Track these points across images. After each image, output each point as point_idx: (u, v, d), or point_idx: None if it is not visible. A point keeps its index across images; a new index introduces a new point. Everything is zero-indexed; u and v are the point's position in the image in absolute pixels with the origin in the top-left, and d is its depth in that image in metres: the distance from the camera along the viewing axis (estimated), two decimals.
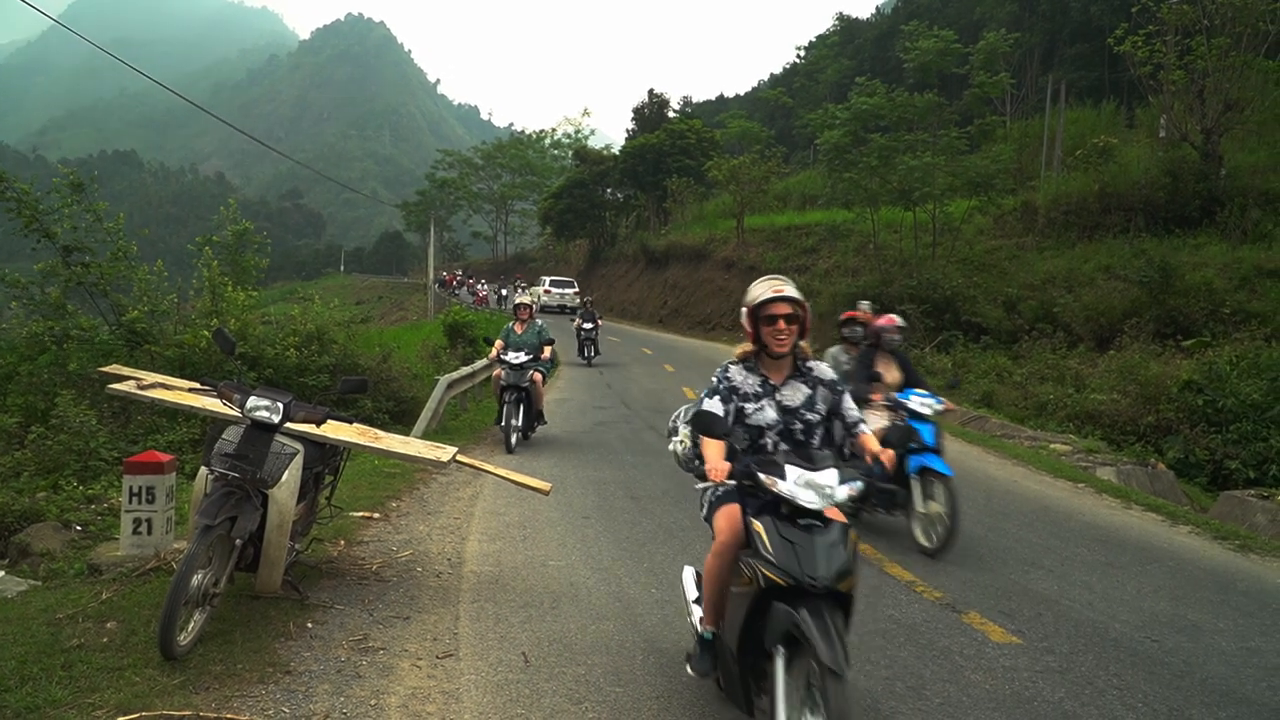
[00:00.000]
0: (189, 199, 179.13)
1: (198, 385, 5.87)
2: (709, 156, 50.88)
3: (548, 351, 12.14)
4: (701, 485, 4.21)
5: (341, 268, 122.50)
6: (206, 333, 12.77)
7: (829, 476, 3.45)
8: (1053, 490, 9.99)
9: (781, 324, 3.90)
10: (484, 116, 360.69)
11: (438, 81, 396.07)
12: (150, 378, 6.25)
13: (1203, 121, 23.14)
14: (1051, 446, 12.76)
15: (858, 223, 31.73)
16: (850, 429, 4.02)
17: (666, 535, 7.41)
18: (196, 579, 4.32)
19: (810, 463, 3.52)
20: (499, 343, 11.98)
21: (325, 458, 5.69)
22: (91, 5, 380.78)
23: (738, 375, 4.09)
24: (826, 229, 38.47)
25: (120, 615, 4.85)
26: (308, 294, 20.59)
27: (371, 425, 7.45)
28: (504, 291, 52.04)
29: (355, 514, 7.46)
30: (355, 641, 4.81)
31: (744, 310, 4.04)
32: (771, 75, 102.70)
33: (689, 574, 4.56)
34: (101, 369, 7.15)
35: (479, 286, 53.47)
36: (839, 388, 4.10)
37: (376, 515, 7.55)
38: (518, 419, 11.46)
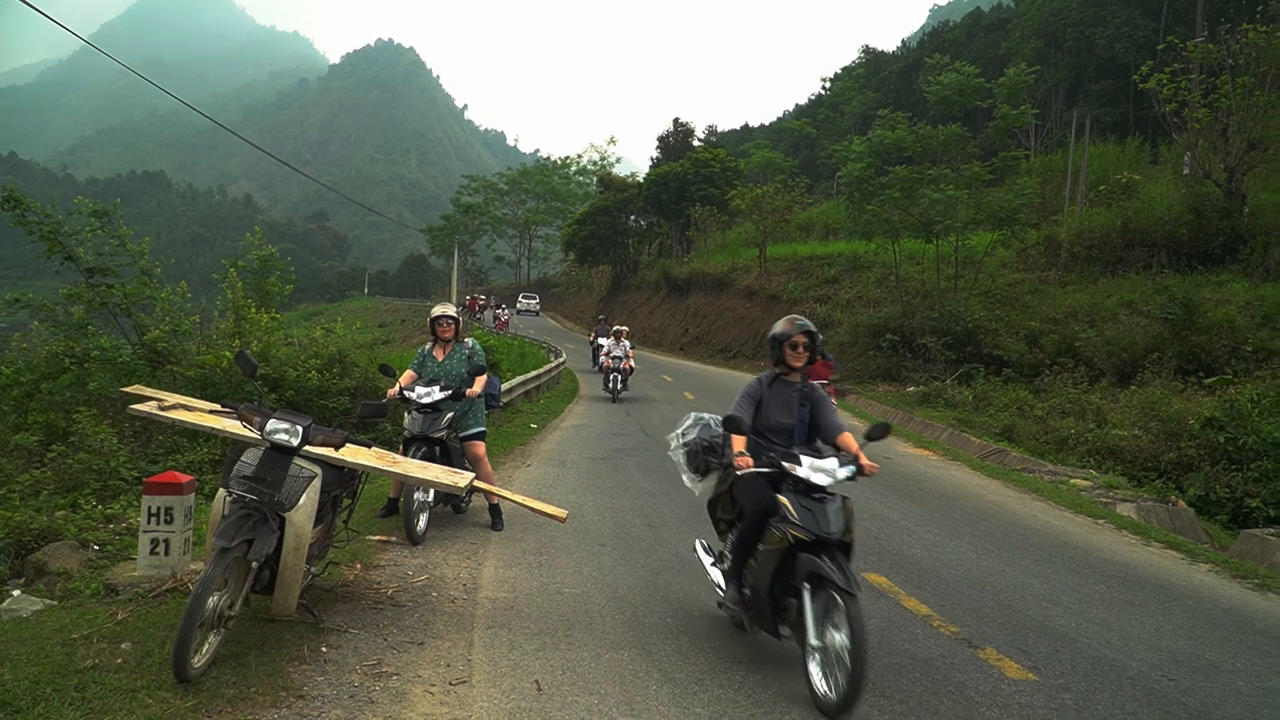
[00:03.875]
0: (216, 220, 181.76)
1: (219, 407, 5.92)
2: (733, 185, 51.16)
3: (479, 384, 8.20)
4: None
5: (365, 290, 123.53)
6: (228, 354, 12.89)
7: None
8: (1072, 526, 9.89)
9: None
10: (510, 142, 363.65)
11: (465, 107, 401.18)
12: (171, 398, 6.31)
13: (1226, 159, 23.08)
14: (1072, 481, 12.65)
15: (879, 254, 31.73)
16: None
17: (682, 564, 7.38)
18: (212, 601, 4.34)
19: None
20: (408, 373, 8.35)
21: (343, 481, 5.72)
22: (124, 26, 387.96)
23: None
24: (848, 260, 38.52)
25: (135, 636, 4.87)
26: (331, 317, 20.69)
27: (391, 449, 7.49)
28: (501, 311, 53.58)
29: (372, 538, 7.49)
30: (369, 666, 4.81)
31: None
32: (797, 106, 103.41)
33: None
34: (123, 389, 7.20)
35: (500, 311, 53.75)
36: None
37: (393, 539, 7.57)
38: (427, 493, 7.73)
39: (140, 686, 4.24)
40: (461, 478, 6.07)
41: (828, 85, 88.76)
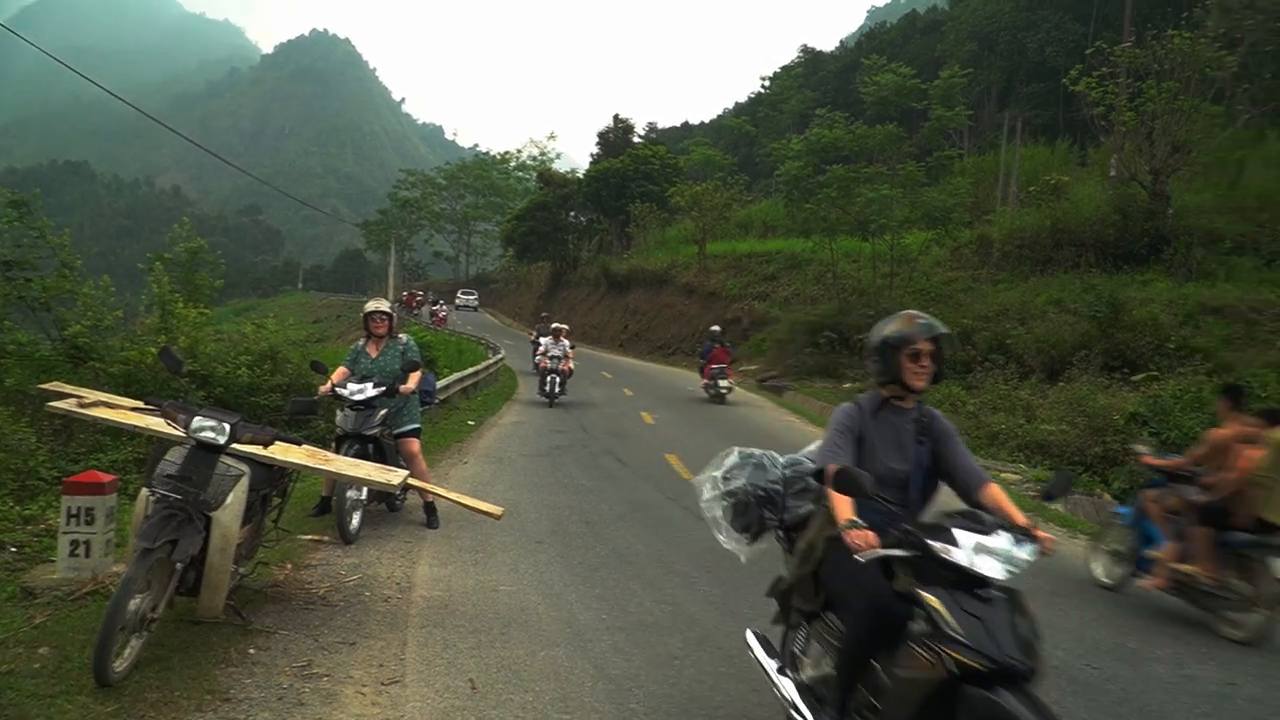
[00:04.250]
0: (143, 212, 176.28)
1: (142, 404, 5.75)
2: (672, 182, 51.24)
3: (413, 380, 8.15)
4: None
5: (300, 285, 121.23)
6: (153, 350, 12.55)
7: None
8: None
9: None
10: (448, 136, 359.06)
11: (402, 100, 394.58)
12: (92, 395, 6.12)
13: (1151, 162, 23.74)
14: (1002, 476, 12.91)
15: (817, 252, 32.08)
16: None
17: (620, 561, 7.38)
18: (134, 603, 4.21)
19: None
20: (341, 370, 8.24)
21: (273, 479, 5.61)
22: (44, 9, 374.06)
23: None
24: (787, 257, 38.88)
25: (53, 640, 4.71)
26: (263, 312, 20.26)
27: (324, 447, 7.35)
28: (439, 307, 53.04)
29: (304, 537, 7.34)
30: (299, 668, 4.72)
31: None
32: (736, 104, 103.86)
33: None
34: (41, 386, 6.96)
35: (438, 308, 53.17)
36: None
37: (326, 538, 7.43)
38: (360, 491, 7.61)
39: (59, 692, 4.11)
40: (395, 475, 5.99)
41: (767, 84, 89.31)
